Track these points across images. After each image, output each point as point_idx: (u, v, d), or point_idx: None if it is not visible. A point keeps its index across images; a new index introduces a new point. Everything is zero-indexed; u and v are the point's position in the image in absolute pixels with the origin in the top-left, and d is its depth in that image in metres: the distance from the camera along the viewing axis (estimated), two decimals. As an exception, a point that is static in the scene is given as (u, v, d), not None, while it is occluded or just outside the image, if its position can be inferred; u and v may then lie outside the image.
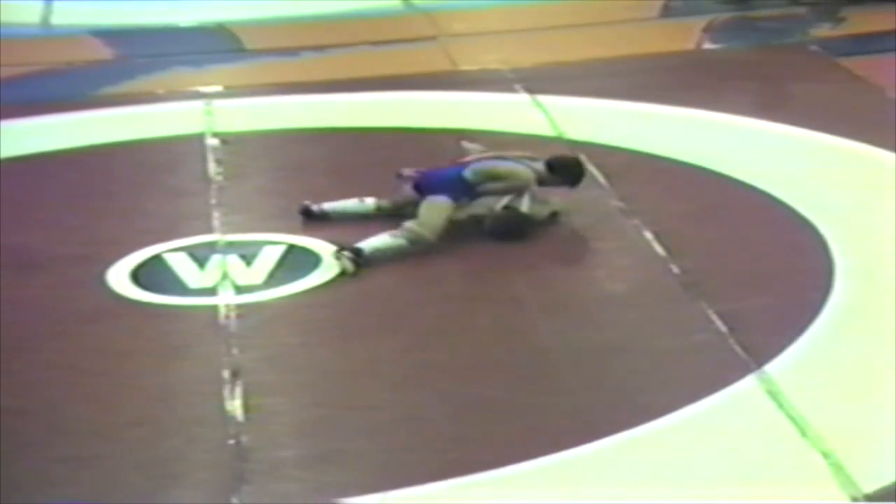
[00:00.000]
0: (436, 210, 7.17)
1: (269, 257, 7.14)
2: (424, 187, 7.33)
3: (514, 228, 7.25)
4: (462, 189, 7.30)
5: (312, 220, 7.53)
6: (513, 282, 6.88)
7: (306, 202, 7.59)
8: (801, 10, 11.79)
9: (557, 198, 7.48)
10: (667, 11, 12.15)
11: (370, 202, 7.60)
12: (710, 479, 5.11)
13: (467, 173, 7.33)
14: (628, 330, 6.32)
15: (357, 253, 6.95)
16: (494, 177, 7.35)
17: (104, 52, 11.40)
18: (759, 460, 5.21)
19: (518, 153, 7.56)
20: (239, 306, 6.63)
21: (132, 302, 6.75)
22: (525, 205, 7.28)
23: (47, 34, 12.23)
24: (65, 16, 12.51)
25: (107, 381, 5.99)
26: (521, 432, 5.47)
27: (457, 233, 7.34)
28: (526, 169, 7.39)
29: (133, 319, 6.61)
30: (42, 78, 10.70)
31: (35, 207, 8.01)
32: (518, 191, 7.31)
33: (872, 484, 4.97)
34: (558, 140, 8.75)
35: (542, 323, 6.44)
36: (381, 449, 5.41)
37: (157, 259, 7.19)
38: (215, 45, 11.59)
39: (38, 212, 7.95)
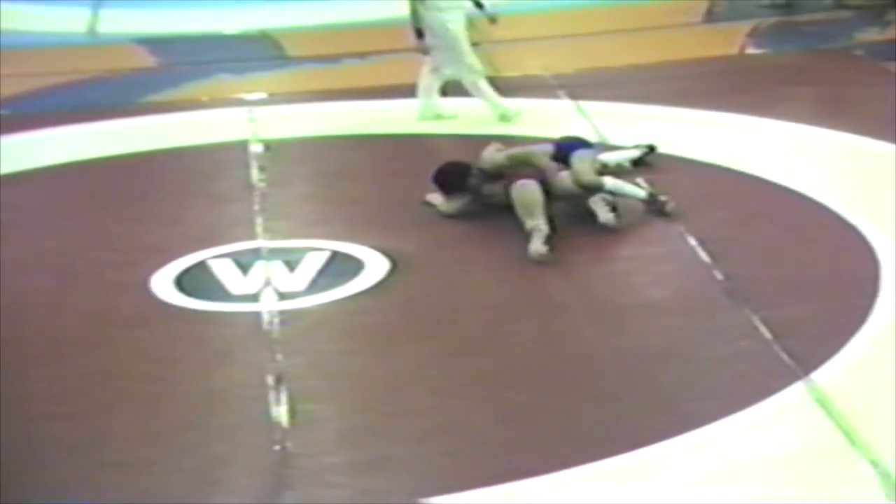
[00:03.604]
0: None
1: (312, 264, 7.16)
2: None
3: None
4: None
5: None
6: (555, 288, 6.86)
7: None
8: (847, 14, 11.70)
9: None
10: (710, 16, 12.10)
11: None
12: (757, 486, 5.07)
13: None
14: (672, 337, 6.28)
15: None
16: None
17: (149, 61, 11.49)
18: (806, 469, 5.16)
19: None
20: (282, 312, 6.65)
21: (176, 308, 6.79)
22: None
23: (93, 43, 12.34)
24: (111, 24, 12.63)
25: (152, 387, 6.02)
26: (565, 439, 5.45)
27: (497, 239, 7.34)
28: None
29: (177, 325, 6.64)
30: (88, 86, 10.80)
31: (80, 214, 8.08)
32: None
33: (922, 493, 4.92)
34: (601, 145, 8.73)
35: (585, 329, 6.41)
36: (425, 455, 5.40)
37: (200, 265, 7.22)
38: (258, 52, 11.65)
39: (83, 218, 8.01)
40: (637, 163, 8.22)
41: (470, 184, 7.63)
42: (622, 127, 9.03)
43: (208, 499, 5.18)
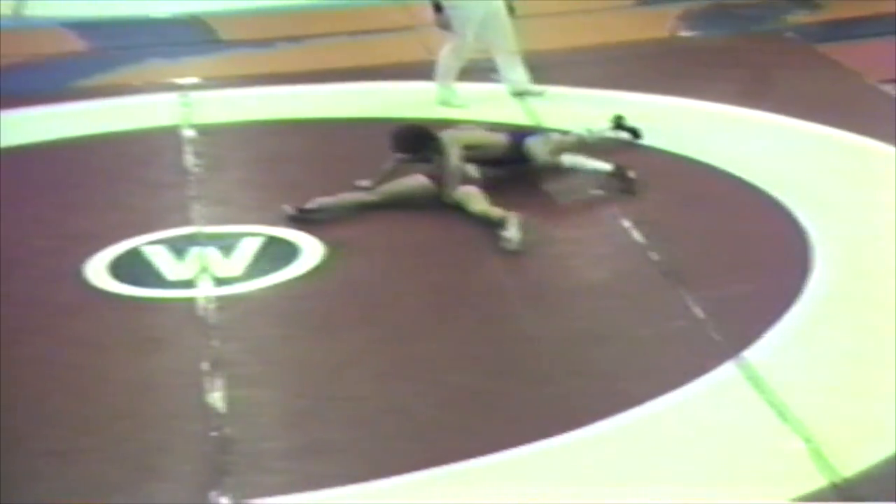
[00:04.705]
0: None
1: (247, 249, 7.13)
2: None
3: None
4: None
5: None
6: (492, 271, 6.89)
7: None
8: (777, -4, 11.84)
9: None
10: (642, -1, 12.19)
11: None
12: (692, 465, 5.13)
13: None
14: (608, 318, 6.34)
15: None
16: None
17: (78, 45, 11.35)
18: (739, 446, 5.24)
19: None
20: (218, 298, 6.62)
21: (111, 295, 6.73)
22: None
23: (20, 26, 12.16)
24: (38, 8, 12.46)
25: (88, 375, 5.97)
26: (504, 421, 5.48)
27: (435, 223, 7.36)
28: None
29: (112, 312, 6.59)
30: (16, 71, 10.64)
31: (11, 201, 7.96)
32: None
33: (852, 468, 5.00)
34: (535, 128, 8.77)
35: (522, 312, 6.45)
36: (365, 440, 5.41)
37: (135, 252, 7.16)
38: (190, 36, 11.55)
39: (15, 206, 7.90)
40: (620, 129, 8.30)
41: (427, 150, 7.65)
42: (557, 109, 9.08)
43: (146, 486, 5.16)
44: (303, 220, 7.35)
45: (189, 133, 8.95)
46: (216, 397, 5.69)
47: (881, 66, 9.61)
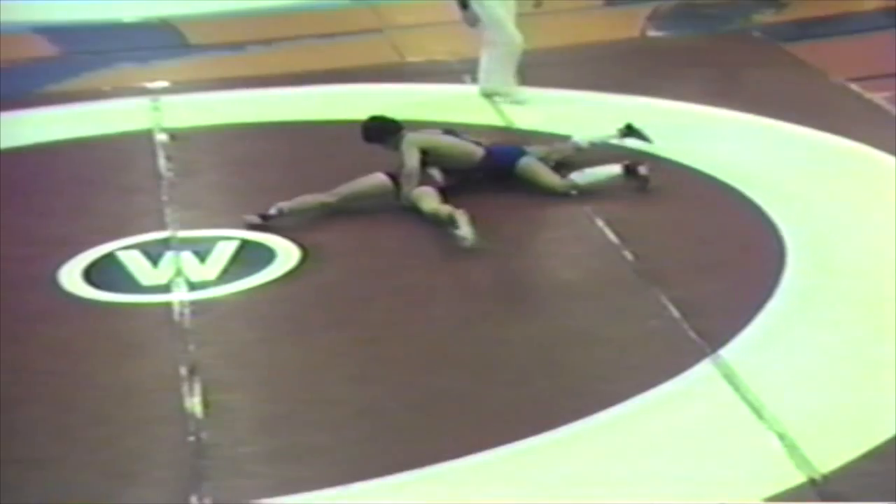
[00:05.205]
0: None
1: (222, 253, 7.12)
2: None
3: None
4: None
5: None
6: (467, 272, 6.90)
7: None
8: (744, -4, 11.92)
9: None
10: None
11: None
12: (669, 463, 5.16)
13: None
14: (584, 318, 6.36)
15: None
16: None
17: (48, 50, 11.30)
18: (717, 444, 5.27)
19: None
20: (193, 303, 6.61)
21: (85, 301, 6.71)
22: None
23: (-11, 32, 12.09)
24: (6, 13, 12.38)
25: (62, 381, 5.95)
26: (481, 422, 5.49)
27: (411, 225, 7.37)
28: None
29: (87, 319, 6.56)
30: (-15, 76, 10.59)
31: (-18, 208, 7.93)
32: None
33: (828, 464, 5.04)
34: (507, 129, 8.79)
35: (498, 313, 6.47)
36: (341, 442, 5.41)
37: (109, 257, 7.14)
38: (159, 40, 11.52)
39: (-14, 212, 7.86)
40: (630, 133, 8.20)
41: (394, 140, 7.68)
42: (528, 111, 9.10)
43: (123, 493, 5.15)
44: (266, 226, 7.34)
45: (161, 137, 8.93)
46: (193, 402, 5.68)
47: (847, 64, 9.70)
